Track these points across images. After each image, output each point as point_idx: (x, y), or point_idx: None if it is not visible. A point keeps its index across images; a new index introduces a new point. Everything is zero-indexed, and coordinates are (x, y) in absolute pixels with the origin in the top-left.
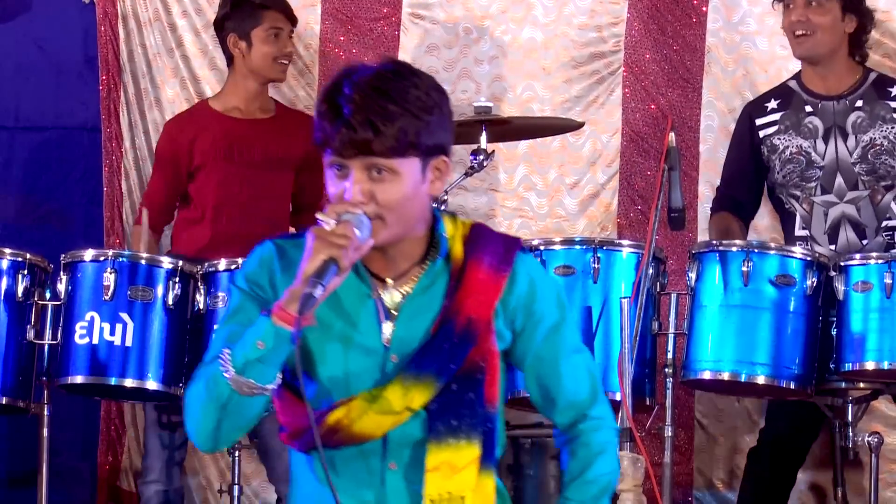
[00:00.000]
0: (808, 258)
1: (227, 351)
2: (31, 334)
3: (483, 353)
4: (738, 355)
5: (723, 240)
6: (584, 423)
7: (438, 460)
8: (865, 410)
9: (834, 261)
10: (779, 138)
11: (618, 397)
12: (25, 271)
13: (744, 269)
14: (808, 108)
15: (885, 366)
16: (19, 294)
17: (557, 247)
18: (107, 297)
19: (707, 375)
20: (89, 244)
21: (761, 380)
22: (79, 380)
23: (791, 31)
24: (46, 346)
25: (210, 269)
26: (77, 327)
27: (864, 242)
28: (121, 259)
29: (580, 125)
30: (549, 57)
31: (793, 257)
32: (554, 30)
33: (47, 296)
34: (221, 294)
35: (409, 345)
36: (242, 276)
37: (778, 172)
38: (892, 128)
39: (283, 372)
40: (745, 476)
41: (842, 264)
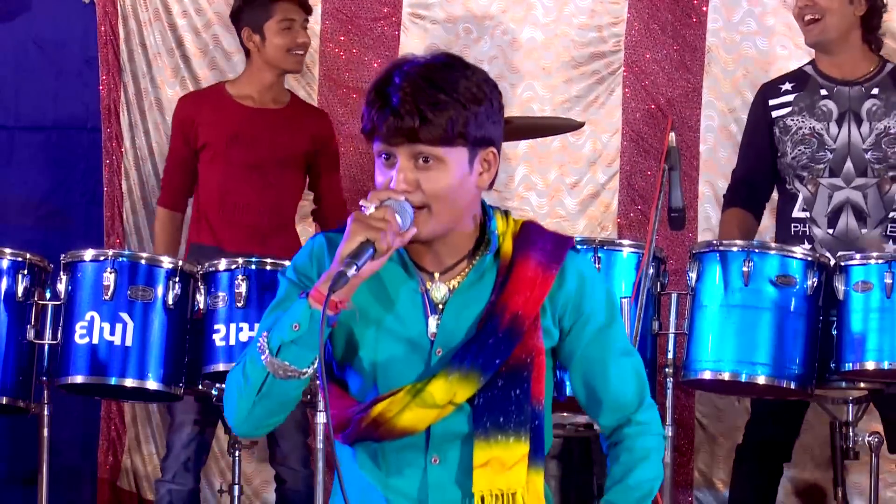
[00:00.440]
0: (809, 258)
1: (266, 334)
2: (31, 334)
3: (529, 349)
4: (738, 355)
5: (738, 239)
6: (629, 427)
7: (488, 456)
8: (865, 410)
9: (834, 260)
10: (792, 119)
11: None
12: (25, 271)
13: (744, 269)
14: (824, 92)
15: (886, 366)
16: (19, 294)
17: None
18: (107, 297)
19: (707, 375)
20: (89, 244)
21: (762, 380)
22: (79, 380)
23: (801, 18)
24: (46, 346)
25: (210, 269)
26: (77, 327)
27: (864, 231)
28: (121, 259)
29: (580, 125)
30: (550, 57)
31: (793, 257)
32: (554, 30)
33: (47, 296)
34: (222, 294)
35: (454, 339)
36: (293, 267)
37: (788, 154)
38: None
39: (331, 363)
40: (735, 475)
41: (842, 264)
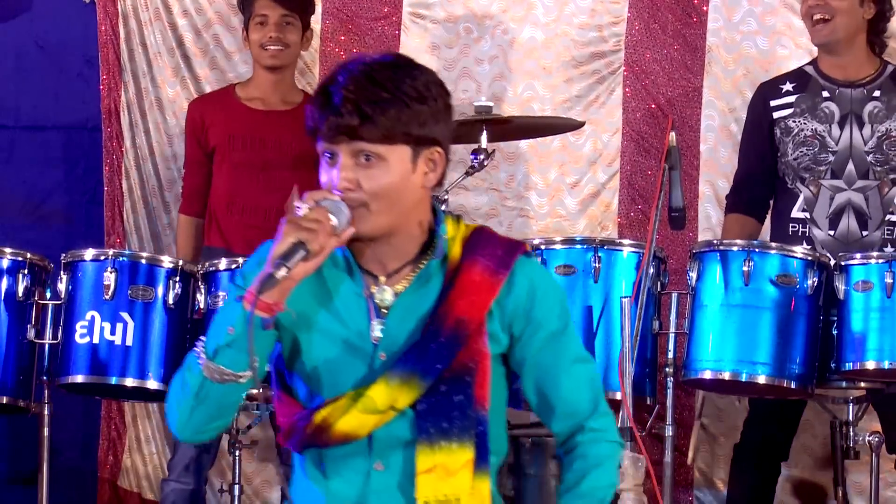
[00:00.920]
0: (809, 258)
1: (203, 339)
2: (31, 334)
3: (473, 354)
4: (738, 355)
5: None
6: (583, 434)
7: (431, 462)
8: (866, 410)
9: (834, 260)
10: (794, 120)
11: (618, 397)
12: (26, 271)
13: (744, 268)
14: (825, 94)
15: (886, 365)
16: (20, 293)
17: (558, 246)
18: (107, 297)
19: (708, 375)
20: (90, 244)
21: (762, 379)
22: (79, 379)
23: (809, 17)
24: (47, 346)
25: (210, 269)
26: (77, 327)
27: (864, 233)
28: (121, 258)
29: (581, 125)
30: (550, 56)
31: (793, 257)
32: (554, 29)
33: (48, 295)
34: (222, 293)
35: (398, 344)
36: (241, 273)
37: (790, 155)
38: None
39: (281, 373)
40: (733, 474)
41: (842, 264)
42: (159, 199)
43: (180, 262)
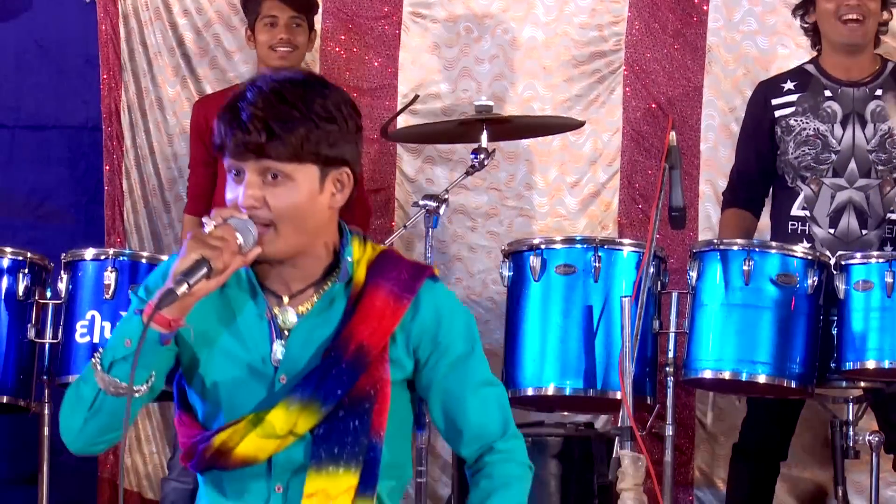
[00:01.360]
0: (809, 257)
1: (100, 350)
2: (31, 333)
3: (374, 381)
4: (739, 354)
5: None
6: (491, 454)
7: (315, 487)
8: (866, 409)
9: (835, 259)
10: (795, 119)
11: (618, 396)
12: (26, 270)
13: (745, 268)
14: (828, 93)
15: (886, 365)
16: (20, 293)
17: (558, 246)
18: (108, 296)
19: (708, 374)
20: (90, 243)
21: (762, 379)
22: None
23: (838, 16)
24: (47, 345)
25: None
26: (78, 326)
27: (864, 232)
28: (121, 258)
29: (581, 124)
30: (550, 56)
31: (794, 256)
32: (555, 29)
33: (48, 295)
34: None
35: (299, 367)
36: (143, 286)
37: (791, 154)
38: None
39: (183, 391)
40: (731, 474)
41: (843, 263)
42: (160, 199)
43: None
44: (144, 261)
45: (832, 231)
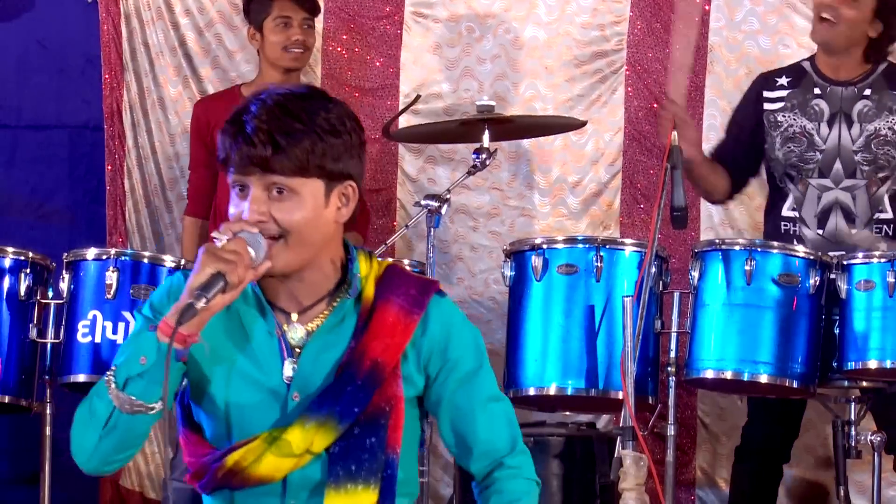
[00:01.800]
0: (811, 257)
1: (114, 368)
2: (33, 333)
3: (388, 397)
4: (740, 354)
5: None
6: (500, 470)
7: None
8: (867, 409)
9: (837, 259)
10: (783, 115)
11: (620, 396)
12: (28, 270)
13: (746, 267)
14: (817, 91)
15: (888, 364)
16: (22, 293)
17: (560, 245)
18: (109, 296)
19: (710, 374)
20: (92, 243)
21: (764, 378)
22: (81, 378)
23: (817, 13)
24: (49, 345)
25: None
26: (79, 326)
27: (853, 231)
28: (123, 258)
29: (583, 124)
30: (552, 55)
31: (796, 256)
32: (557, 28)
33: (50, 294)
34: None
35: (312, 384)
36: (149, 304)
37: (777, 149)
38: None
39: (188, 408)
40: (734, 476)
41: (844, 263)
42: (161, 199)
43: (182, 262)
44: (146, 261)
45: (820, 231)
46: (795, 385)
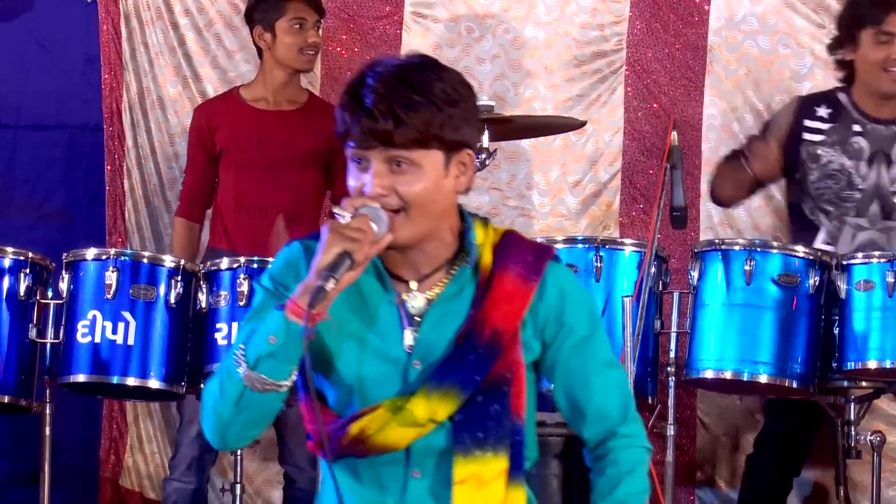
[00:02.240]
0: (811, 257)
1: (242, 346)
2: (33, 333)
3: (509, 364)
4: (740, 354)
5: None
6: (614, 440)
7: (466, 473)
8: (867, 409)
9: (836, 259)
10: (823, 150)
11: None
12: (27, 270)
13: (746, 267)
14: (857, 128)
15: (888, 364)
16: (21, 293)
17: (560, 245)
18: (109, 296)
19: (709, 374)
20: (91, 243)
21: (764, 378)
22: (81, 378)
23: (884, 67)
24: (48, 345)
25: (212, 268)
26: (79, 326)
27: None
28: (123, 258)
29: (582, 124)
30: (552, 55)
31: (795, 256)
32: (556, 28)
33: (49, 294)
34: (224, 293)
35: (433, 353)
36: (268, 275)
37: (812, 183)
38: None
39: (311, 376)
40: (750, 469)
41: (844, 263)
42: (161, 199)
43: (182, 262)
44: (146, 261)
45: None
46: (795, 385)
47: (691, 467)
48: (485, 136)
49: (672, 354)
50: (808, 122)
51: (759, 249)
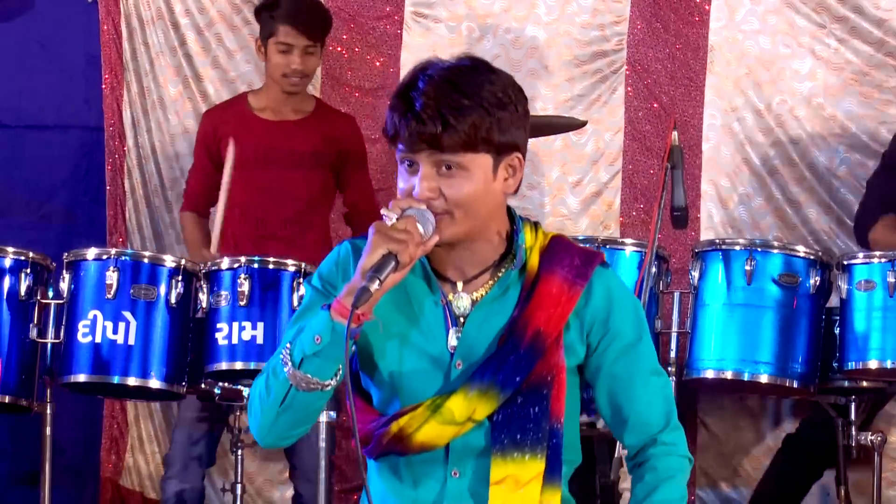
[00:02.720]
0: (812, 257)
1: (289, 345)
2: (33, 333)
3: (550, 367)
4: (741, 354)
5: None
6: (654, 447)
7: (503, 473)
8: (868, 409)
9: (837, 259)
10: None
11: None
12: (28, 270)
13: (747, 267)
14: None
15: (888, 364)
16: (22, 293)
17: None
18: (109, 296)
19: (710, 374)
20: (92, 243)
21: (764, 378)
22: (81, 378)
23: None
24: (49, 345)
25: (213, 269)
26: (80, 326)
27: None
28: (123, 258)
29: (583, 124)
30: (552, 55)
31: (796, 256)
32: (557, 28)
33: (50, 294)
34: (224, 293)
35: (475, 353)
36: (318, 275)
37: None
38: None
39: (357, 376)
40: (775, 466)
41: (845, 263)
42: (161, 199)
43: (182, 262)
44: (146, 260)
45: None
46: (796, 385)
47: (692, 467)
48: None
49: (673, 354)
50: None
51: (759, 249)
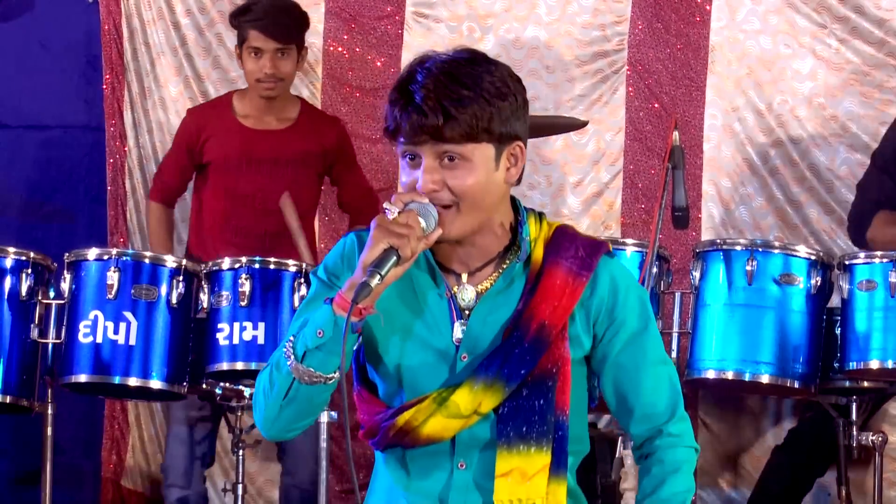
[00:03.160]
0: (813, 257)
1: (292, 339)
2: (34, 333)
3: (555, 359)
4: (742, 354)
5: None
6: (661, 439)
7: (509, 466)
8: (869, 410)
9: (838, 259)
10: None
11: None
12: (29, 270)
13: (748, 267)
14: None
15: (890, 365)
16: (23, 293)
17: None
18: (110, 296)
19: (711, 375)
20: (93, 243)
21: (765, 379)
22: (82, 378)
23: None
24: (50, 345)
25: (214, 269)
26: (81, 326)
27: None
28: (124, 258)
29: (584, 124)
30: (553, 55)
31: (797, 256)
32: (557, 28)
33: (51, 294)
34: (225, 293)
35: (480, 346)
36: (323, 267)
37: None
38: None
39: (363, 368)
40: (774, 460)
41: (846, 263)
42: None
43: (183, 262)
44: (147, 261)
45: None
46: (797, 385)
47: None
48: None
49: (674, 355)
50: None
51: (760, 249)
